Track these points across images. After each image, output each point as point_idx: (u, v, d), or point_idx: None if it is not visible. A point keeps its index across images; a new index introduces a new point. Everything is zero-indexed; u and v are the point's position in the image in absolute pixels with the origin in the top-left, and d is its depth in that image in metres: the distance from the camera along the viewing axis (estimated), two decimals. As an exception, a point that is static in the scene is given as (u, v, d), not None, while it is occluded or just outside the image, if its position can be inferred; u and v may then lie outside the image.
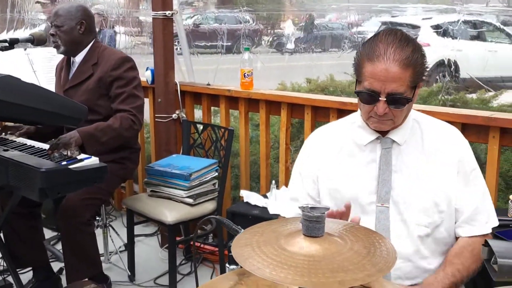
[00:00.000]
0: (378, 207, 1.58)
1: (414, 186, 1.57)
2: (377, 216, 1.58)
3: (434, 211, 1.56)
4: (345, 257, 0.86)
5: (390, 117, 1.52)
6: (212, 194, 3.02)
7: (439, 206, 1.56)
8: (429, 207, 1.56)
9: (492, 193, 2.27)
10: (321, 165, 1.67)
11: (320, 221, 0.89)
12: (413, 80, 1.48)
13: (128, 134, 2.63)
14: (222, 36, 3.76)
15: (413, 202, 1.56)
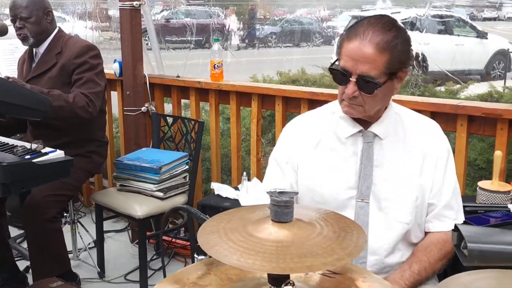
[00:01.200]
0: (358, 203, 1.55)
1: (395, 181, 1.55)
2: (356, 212, 1.55)
3: (414, 207, 1.55)
4: (314, 242, 0.84)
5: (360, 103, 1.49)
6: (183, 187, 2.98)
7: (417, 202, 1.55)
8: (410, 203, 1.54)
9: (460, 181, 2.30)
10: (300, 157, 1.62)
11: (288, 205, 0.87)
12: (389, 67, 1.44)
13: (81, 113, 2.51)
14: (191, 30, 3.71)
15: (395, 198, 1.55)
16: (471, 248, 0.93)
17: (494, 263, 0.98)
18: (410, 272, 1.51)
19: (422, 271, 1.51)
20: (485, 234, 0.96)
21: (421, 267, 1.51)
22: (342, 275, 1.06)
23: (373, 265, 1.56)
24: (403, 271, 1.52)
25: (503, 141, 2.17)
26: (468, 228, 0.98)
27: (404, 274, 1.51)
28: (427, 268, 1.52)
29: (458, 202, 1.63)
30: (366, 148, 1.57)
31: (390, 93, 1.52)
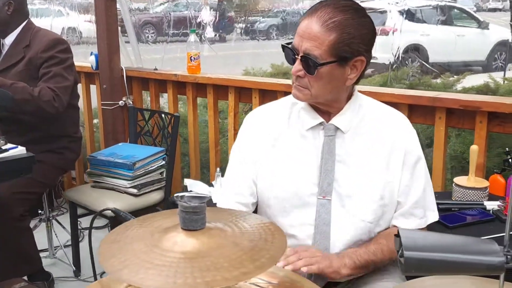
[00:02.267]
0: (319, 200, 1.46)
1: (359, 178, 1.46)
2: (317, 210, 1.46)
3: (379, 206, 1.45)
4: (223, 252, 0.75)
5: (306, 85, 1.41)
6: (159, 183, 2.89)
7: (383, 200, 1.46)
8: (374, 202, 1.45)
9: (439, 176, 2.21)
10: (259, 151, 1.53)
11: (198, 212, 0.78)
12: (336, 48, 1.35)
13: (47, 107, 2.41)
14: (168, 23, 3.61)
15: (358, 195, 1.45)
16: (408, 256, 0.84)
17: (432, 272, 0.89)
18: (365, 250, 1.43)
19: (378, 251, 1.43)
20: (425, 240, 0.87)
21: (378, 248, 1.43)
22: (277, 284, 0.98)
23: None
24: (359, 247, 1.45)
25: (482, 134, 2.07)
26: (410, 233, 0.89)
27: (359, 250, 1.43)
28: (384, 250, 1.43)
29: (429, 200, 1.53)
30: (327, 142, 1.48)
31: (340, 81, 1.42)
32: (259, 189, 1.54)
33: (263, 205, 1.55)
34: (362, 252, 1.42)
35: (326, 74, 1.38)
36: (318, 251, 1.42)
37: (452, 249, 0.85)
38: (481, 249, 0.85)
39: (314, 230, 1.46)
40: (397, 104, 2.23)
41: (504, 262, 0.83)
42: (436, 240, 0.88)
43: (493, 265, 0.83)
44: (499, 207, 1.78)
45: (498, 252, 0.84)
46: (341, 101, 1.48)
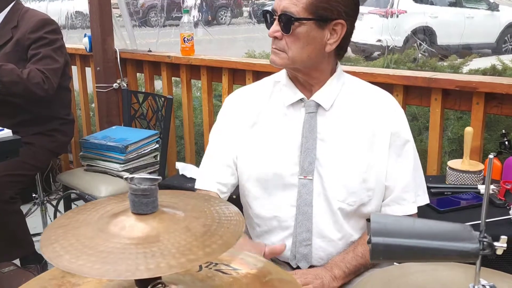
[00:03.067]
0: (300, 180, 1.41)
1: (341, 158, 1.40)
2: (299, 190, 1.41)
3: (362, 189, 1.40)
4: (173, 238, 0.70)
5: (283, 48, 1.36)
6: (153, 167, 2.85)
7: (367, 183, 1.40)
8: (356, 184, 1.39)
9: (435, 159, 2.15)
10: (240, 130, 1.49)
11: (147, 194, 0.73)
12: (313, 4, 1.31)
13: (36, 90, 2.37)
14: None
15: (339, 176, 1.40)
16: (375, 242, 0.79)
17: (402, 259, 0.84)
18: (353, 255, 1.39)
19: (366, 253, 1.38)
20: (396, 226, 0.82)
21: (366, 250, 1.38)
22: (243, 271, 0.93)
23: (319, 247, 1.43)
24: (346, 253, 1.40)
25: (478, 116, 2.00)
26: (380, 218, 0.84)
27: (346, 256, 1.39)
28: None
29: (419, 183, 1.48)
30: (308, 120, 1.42)
31: (318, 44, 1.36)
32: (239, 170, 1.49)
33: (244, 187, 1.51)
34: (350, 258, 1.38)
35: (303, 35, 1.33)
36: (307, 271, 1.38)
37: (424, 235, 0.80)
38: (456, 235, 0.80)
39: (296, 211, 1.42)
40: (392, 85, 2.16)
41: (478, 249, 0.78)
42: (408, 225, 0.83)
43: (466, 251, 0.78)
44: (493, 191, 1.72)
45: (473, 238, 0.79)
46: (323, 73, 1.43)
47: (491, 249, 0.79)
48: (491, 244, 0.79)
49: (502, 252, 0.81)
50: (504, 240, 0.79)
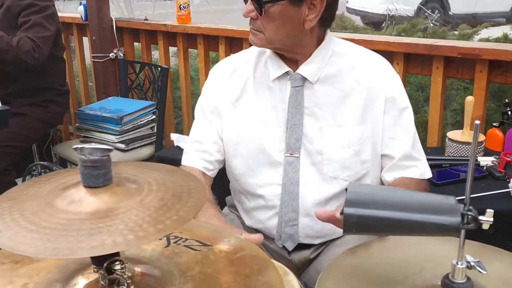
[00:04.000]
0: (286, 158, 1.35)
1: (330, 132, 1.33)
2: (284, 168, 1.35)
3: (356, 162, 1.33)
4: (124, 213, 0.65)
5: (259, 28, 1.28)
6: (149, 138, 2.81)
7: (361, 155, 1.33)
8: (349, 157, 1.32)
9: (435, 130, 2.07)
10: (224, 105, 1.42)
11: (98, 166, 0.67)
12: None
13: (26, 58, 2.31)
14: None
15: (330, 151, 1.33)
16: (348, 213, 0.73)
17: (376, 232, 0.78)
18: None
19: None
20: (373, 196, 0.76)
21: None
22: (212, 247, 0.88)
23: (306, 226, 1.38)
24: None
25: (482, 85, 1.91)
26: (357, 188, 0.78)
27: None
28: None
29: (420, 153, 1.40)
30: (293, 94, 1.35)
31: (296, 22, 1.27)
32: (225, 145, 1.43)
33: (229, 164, 1.45)
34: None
35: (277, 15, 1.24)
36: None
37: (402, 207, 0.74)
38: (437, 208, 0.74)
39: (281, 190, 1.36)
40: (393, 53, 2.07)
41: (459, 222, 0.71)
42: (387, 196, 0.77)
43: (446, 225, 0.72)
44: (493, 163, 1.65)
45: (455, 211, 0.73)
46: (307, 47, 1.34)
47: (476, 224, 0.73)
48: (476, 218, 0.73)
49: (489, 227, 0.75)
50: (490, 214, 0.73)
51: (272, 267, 0.83)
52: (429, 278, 0.81)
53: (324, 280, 0.84)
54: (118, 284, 0.72)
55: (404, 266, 0.86)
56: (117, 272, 0.73)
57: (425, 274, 0.83)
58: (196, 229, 0.94)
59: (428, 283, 0.80)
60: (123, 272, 0.73)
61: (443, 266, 0.79)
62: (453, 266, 0.76)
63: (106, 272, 0.72)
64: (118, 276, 0.72)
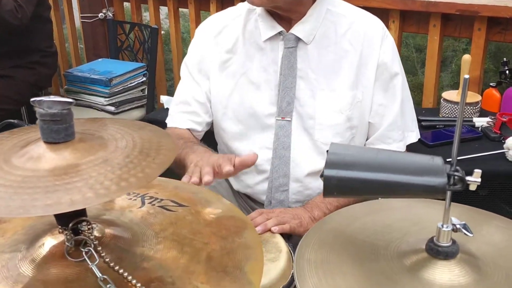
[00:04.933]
0: (277, 121, 1.30)
1: (323, 96, 1.28)
2: (276, 132, 1.30)
3: (346, 128, 1.29)
4: (85, 171, 0.60)
5: None
6: (140, 101, 2.75)
7: (351, 121, 1.29)
8: (341, 123, 1.28)
9: (431, 91, 2.02)
10: (211, 65, 1.36)
11: (58, 120, 0.63)
12: None
13: (8, 18, 2.21)
14: None
15: (322, 116, 1.29)
16: (328, 175, 0.69)
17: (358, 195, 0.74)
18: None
19: None
20: (356, 157, 0.71)
21: None
22: (189, 207, 0.84)
23: (297, 192, 1.34)
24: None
25: (480, 44, 1.85)
26: (338, 149, 0.74)
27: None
28: None
29: (408, 120, 1.36)
30: (286, 55, 1.29)
31: None
32: (213, 108, 1.38)
33: (218, 127, 1.40)
34: (331, 199, 1.27)
35: None
36: (284, 210, 1.28)
37: (386, 168, 0.70)
38: (422, 169, 0.70)
39: (272, 154, 1.31)
40: (388, 10, 2.00)
41: (445, 183, 0.67)
42: (369, 157, 0.72)
43: (432, 186, 0.68)
44: (489, 123, 1.60)
45: (441, 172, 0.69)
46: (304, 5, 1.27)
47: (463, 184, 0.69)
48: (463, 178, 0.68)
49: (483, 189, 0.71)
50: (477, 174, 0.68)
51: (250, 228, 0.80)
52: (413, 242, 0.78)
53: (304, 247, 0.81)
54: (84, 245, 0.68)
55: (388, 231, 0.83)
56: (84, 233, 0.69)
57: (409, 239, 0.80)
58: (172, 189, 0.90)
59: (412, 247, 0.77)
60: (90, 233, 0.69)
61: (429, 230, 0.75)
62: (438, 229, 0.73)
63: (72, 232, 0.69)
64: (85, 237, 0.69)
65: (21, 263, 0.68)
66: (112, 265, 0.67)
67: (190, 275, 0.68)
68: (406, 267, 0.73)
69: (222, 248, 0.74)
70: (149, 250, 0.71)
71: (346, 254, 0.78)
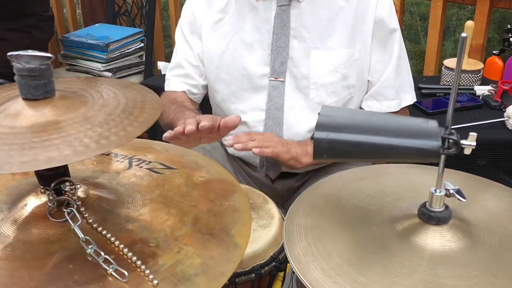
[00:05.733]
0: (270, 82, 1.27)
1: (317, 55, 1.25)
2: (268, 93, 1.28)
3: (342, 87, 1.26)
4: (63, 127, 0.58)
5: None
6: (138, 67, 2.71)
7: (348, 80, 1.26)
8: (336, 82, 1.25)
9: (433, 59, 1.97)
10: (204, 24, 1.33)
11: (36, 75, 0.60)
12: None
13: None
14: None
15: (316, 76, 1.25)
16: (318, 138, 0.66)
17: (348, 158, 0.72)
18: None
19: None
20: (348, 119, 0.69)
21: None
22: (177, 170, 0.82)
23: None
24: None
25: (484, 10, 1.79)
26: (330, 111, 0.71)
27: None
28: None
29: (404, 80, 1.32)
30: (279, 14, 1.25)
31: None
32: (206, 70, 1.35)
33: (211, 90, 1.37)
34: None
35: None
36: (276, 136, 1.25)
37: (378, 131, 0.67)
38: (416, 131, 0.67)
39: (265, 115, 1.29)
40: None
41: (439, 146, 0.65)
42: (362, 120, 0.70)
43: (425, 150, 0.65)
44: (490, 92, 1.57)
45: (435, 135, 0.66)
46: None
47: (457, 148, 0.66)
48: (457, 142, 0.66)
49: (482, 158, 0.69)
50: (473, 137, 0.66)
51: (239, 191, 0.78)
52: (406, 207, 0.76)
53: (294, 211, 0.79)
54: (67, 205, 0.67)
55: (380, 196, 0.81)
56: (67, 193, 0.68)
57: (402, 204, 0.78)
58: (162, 152, 0.88)
59: (404, 212, 0.75)
60: (72, 193, 0.68)
61: (423, 196, 0.73)
62: (431, 193, 0.71)
63: (55, 193, 0.67)
64: (68, 197, 0.67)
65: (3, 222, 0.67)
66: (95, 226, 0.66)
67: (175, 237, 0.66)
68: (398, 232, 0.72)
69: (209, 210, 0.72)
70: (134, 211, 0.70)
71: (337, 219, 0.76)
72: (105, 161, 0.82)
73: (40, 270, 0.60)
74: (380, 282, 0.63)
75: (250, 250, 0.95)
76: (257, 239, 1.01)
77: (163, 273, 0.60)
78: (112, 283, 0.59)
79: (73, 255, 0.62)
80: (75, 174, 0.72)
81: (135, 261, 0.61)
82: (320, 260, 0.68)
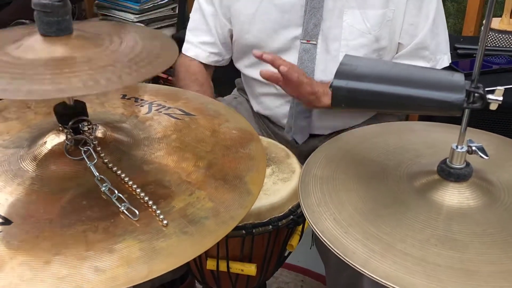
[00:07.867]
0: (302, 44, 1.23)
1: (351, 15, 1.20)
2: (299, 56, 1.23)
3: (373, 49, 1.21)
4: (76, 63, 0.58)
5: None
6: (170, 20, 2.69)
7: (380, 42, 1.21)
8: (368, 44, 1.20)
9: (473, 19, 1.89)
10: None
11: (49, 12, 0.60)
12: None
13: None
14: None
15: (348, 37, 1.21)
16: (337, 86, 0.65)
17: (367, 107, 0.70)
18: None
19: None
20: (369, 68, 0.67)
21: None
22: (196, 117, 0.82)
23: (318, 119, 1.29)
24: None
25: (532, -33, 1.68)
26: (352, 60, 0.69)
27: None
28: None
29: (440, 40, 1.26)
30: None
31: None
32: (234, 30, 1.31)
33: (240, 53, 1.34)
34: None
35: None
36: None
37: (399, 81, 0.65)
38: (440, 83, 0.65)
39: None
40: None
41: (463, 100, 0.62)
42: (383, 70, 0.67)
43: (448, 102, 0.63)
44: (529, 54, 1.49)
45: (460, 88, 0.63)
46: None
47: (483, 103, 0.64)
48: (483, 96, 0.63)
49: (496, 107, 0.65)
50: (500, 92, 0.63)
51: (256, 140, 0.78)
52: (425, 164, 0.74)
53: (311, 163, 0.78)
54: (84, 144, 0.68)
55: (400, 152, 0.79)
56: (85, 133, 0.69)
57: (421, 160, 0.76)
58: (183, 98, 0.88)
59: (423, 169, 0.73)
60: (90, 133, 0.69)
61: (444, 153, 0.71)
62: (452, 150, 0.69)
63: (72, 131, 0.68)
64: (85, 136, 0.68)
65: (23, 158, 0.69)
66: (111, 166, 0.67)
67: (189, 181, 0.67)
68: (415, 188, 0.70)
69: (225, 156, 0.72)
70: (150, 154, 0.71)
71: (353, 172, 0.75)
72: (126, 105, 0.83)
73: (55, 204, 0.61)
74: (391, 235, 0.62)
75: (268, 202, 0.94)
76: (276, 192, 1.00)
77: (173, 214, 0.61)
78: (123, 220, 0.60)
79: (87, 192, 0.63)
80: (93, 115, 0.73)
81: (147, 201, 0.62)
82: (333, 210, 0.67)
